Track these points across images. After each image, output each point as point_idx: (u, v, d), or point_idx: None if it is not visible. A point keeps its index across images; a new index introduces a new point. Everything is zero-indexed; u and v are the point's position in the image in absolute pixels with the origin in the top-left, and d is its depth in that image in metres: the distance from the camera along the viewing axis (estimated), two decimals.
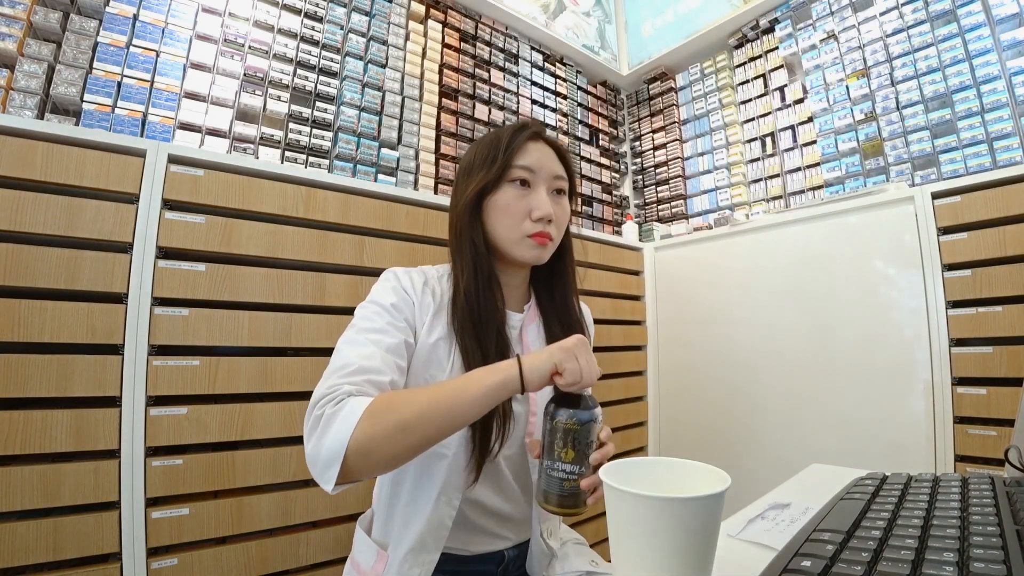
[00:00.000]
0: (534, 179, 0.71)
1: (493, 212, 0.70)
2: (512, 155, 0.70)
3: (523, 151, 0.71)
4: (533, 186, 0.71)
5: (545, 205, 0.69)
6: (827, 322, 1.44)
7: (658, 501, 0.30)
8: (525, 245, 0.70)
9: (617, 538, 0.32)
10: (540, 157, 0.71)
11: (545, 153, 0.72)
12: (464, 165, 0.75)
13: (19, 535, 0.82)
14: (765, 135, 1.97)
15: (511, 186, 0.70)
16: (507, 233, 0.70)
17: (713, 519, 0.31)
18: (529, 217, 0.69)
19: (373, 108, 1.61)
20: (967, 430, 1.16)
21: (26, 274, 0.86)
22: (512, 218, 0.69)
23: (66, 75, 1.15)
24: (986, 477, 0.49)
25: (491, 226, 0.71)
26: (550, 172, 0.71)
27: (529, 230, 0.69)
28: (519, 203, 0.69)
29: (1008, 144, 1.38)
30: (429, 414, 0.52)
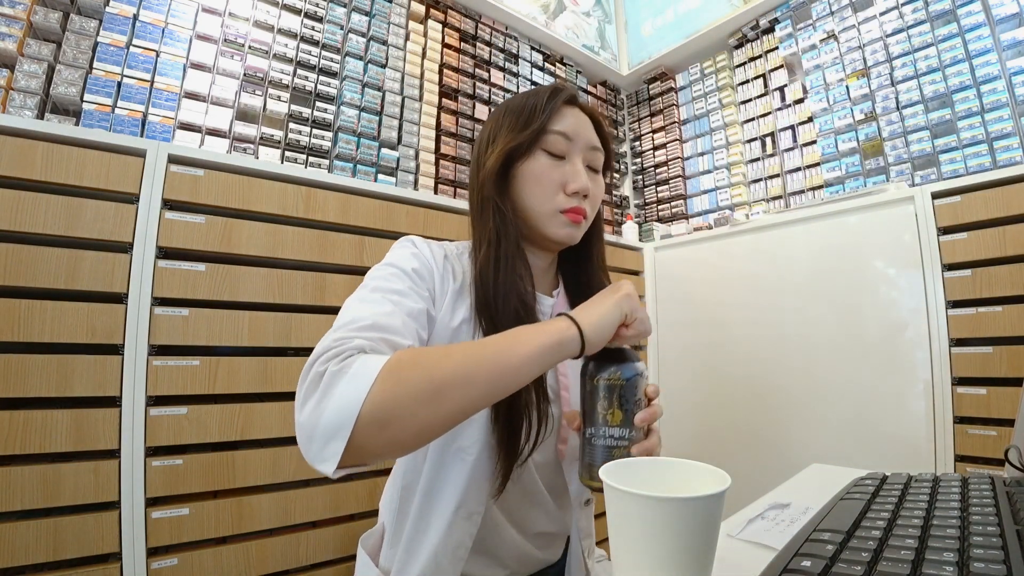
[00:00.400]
0: (570, 148, 0.63)
1: (523, 181, 0.62)
2: (550, 118, 0.62)
3: (561, 116, 0.63)
4: (569, 156, 0.63)
5: (582, 177, 0.61)
6: (827, 322, 1.44)
7: (658, 501, 0.30)
8: (557, 221, 0.62)
9: (617, 538, 0.32)
10: (577, 124, 0.63)
11: (581, 120, 0.64)
12: (489, 128, 0.66)
13: (19, 535, 0.82)
14: (765, 135, 1.97)
15: (544, 155, 0.62)
16: (538, 205, 0.62)
17: (713, 519, 0.31)
18: (563, 190, 0.61)
19: (373, 108, 1.61)
20: (967, 430, 1.16)
21: (26, 274, 0.86)
22: (545, 189, 0.61)
23: (66, 75, 1.15)
24: (986, 477, 0.49)
25: (520, 196, 0.62)
26: (587, 142, 0.64)
27: (563, 204, 0.61)
28: (553, 173, 0.62)
29: (1008, 144, 1.38)
30: (469, 375, 0.42)
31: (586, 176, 0.62)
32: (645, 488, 0.30)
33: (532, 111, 0.62)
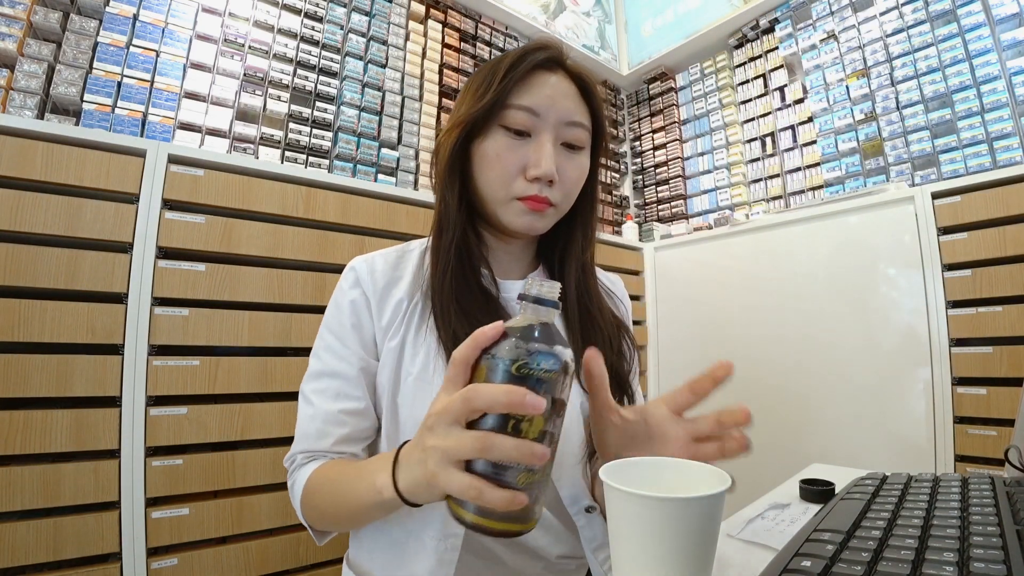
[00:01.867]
0: (537, 125, 0.52)
1: (479, 161, 0.54)
2: (509, 89, 0.52)
3: (526, 85, 0.52)
4: (535, 134, 0.53)
5: (546, 160, 0.51)
6: (827, 322, 1.44)
7: (659, 501, 0.30)
8: (513, 209, 0.53)
9: (617, 538, 0.32)
10: (551, 95, 0.52)
11: (559, 89, 0.53)
12: (460, 97, 0.58)
13: (19, 535, 0.82)
14: (765, 135, 1.97)
15: (503, 132, 0.52)
16: (493, 191, 0.54)
17: (713, 519, 0.31)
18: (523, 175, 0.52)
19: (373, 108, 1.61)
20: (967, 430, 1.16)
21: (26, 274, 0.86)
22: (500, 173, 0.52)
23: (66, 75, 1.15)
24: (986, 477, 0.49)
25: (476, 179, 0.55)
26: (561, 117, 0.53)
27: (520, 191, 0.52)
28: (512, 154, 0.52)
29: (1008, 144, 1.38)
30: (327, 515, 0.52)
31: (552, 157, 0.52)
32: (646, 488, 0.30)
33: (491, 78, 0.52)
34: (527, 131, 0.53)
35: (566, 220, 0.60)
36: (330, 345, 0.57)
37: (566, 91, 0.54)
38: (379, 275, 0.57)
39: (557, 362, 0.34)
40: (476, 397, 0.33)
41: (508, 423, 0.33)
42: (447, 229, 0.55)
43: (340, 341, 0.56)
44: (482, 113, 0.52)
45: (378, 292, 0.56)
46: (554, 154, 0.53)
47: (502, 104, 0.52)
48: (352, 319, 0.56)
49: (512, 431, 0.33)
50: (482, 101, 0.52)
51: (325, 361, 0.56)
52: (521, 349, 0.34)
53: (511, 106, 0.52)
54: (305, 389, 0.57)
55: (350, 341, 0.56)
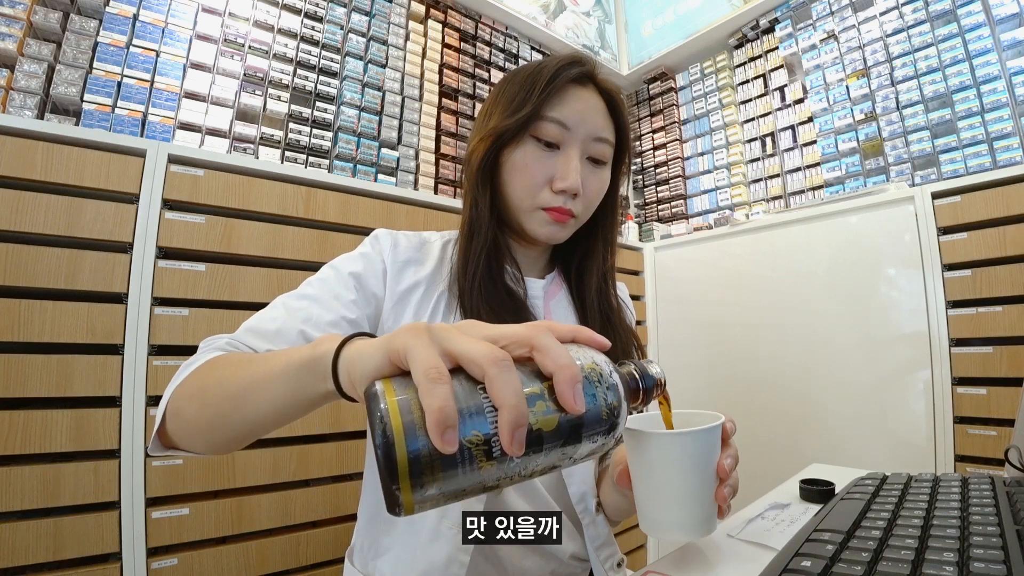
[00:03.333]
0: (566, 138, 0.55)
1: (509, 169, 0.56)
2: (545, 101, 0.54)
3: (561, 98, 0.54)
4: (563, 147, 0.55)
5: (572, 174, 0.54)
6: (827, 322, 1.44)
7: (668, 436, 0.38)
8: (537, 219, 0.56)
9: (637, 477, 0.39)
10: (582, 110, 0.55)
11: (590, 105, 0.56)
12: (490, 102, 0.60)
13: (19, 535, 0.82)
14: (765, 135, 1.97)
15: (534, 142, 0.55)
16: (519, 199, 0.56)
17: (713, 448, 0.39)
18: (550, 186, 0.55)
19: (373, 108, 1.61)
20: (967, 430, 1.16)
21: (26, 274, 0.86)
22: (528, 182, 0.55)
23: (66, 75, 1.15)
24: (986, 477, 0.49)
25: (504, 185, 0.57)
26: (590, 132, 0.55)
27: (546, 202, 0.55)
28: (540, 165, 0.55)
29: (1008, 144, 1.38)
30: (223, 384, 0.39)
31: (579, 171, 0.54)
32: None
33: (529, 90, 0.55)
34: (556, 143, 0.55)
35: (585, 229, 0.63)
36: (328, 285, 0.54)
37: (596, 106, 0.56)
38: (402, 250, 0.58)
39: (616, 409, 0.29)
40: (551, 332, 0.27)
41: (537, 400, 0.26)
42: (479, 233, 0.56)
43: (342, 286, 0.54)
44: (518, 123, 0.54)
45: (398, 263, 0.57)
46: (580, 168, 0.55)
47: (537, 115, 0.54)
48: (365, 277, 0.55)
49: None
50: (520, 112, 0.54)
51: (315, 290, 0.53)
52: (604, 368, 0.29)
53: (544, 118, 0.54)
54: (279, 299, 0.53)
55: (351, 292, 0.54)
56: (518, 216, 0.57)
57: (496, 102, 0.58)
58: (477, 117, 0.62)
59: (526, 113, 0.53)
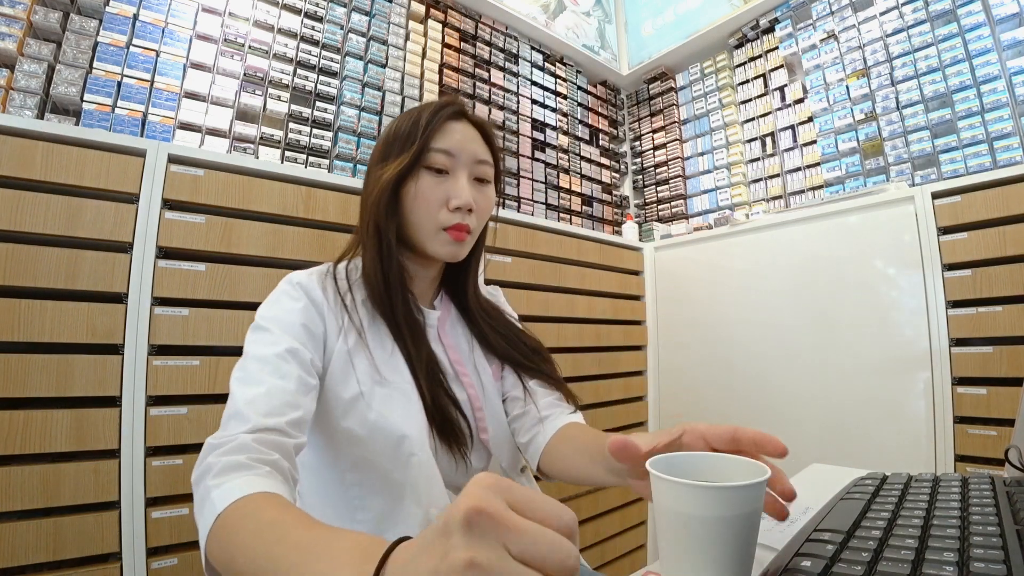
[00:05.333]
0: (453, 164, 0.63)
1: (409, 200, 0.63)
2: (430, 137, 0.63)
3: (442, 132, 0.63)
4: (452, 172, 0.63)
5: (464, 193, 0.62)
6: (827, 322, 1.44)
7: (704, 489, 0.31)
8: (440, 240, 0.63)
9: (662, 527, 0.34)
10: (461, 139, 0.64)
11: (467, 135, 0.65)
12: (379, 148, 0.67)
13: (19, 535, 0.82)
14: (765, 135, 1.97)
15: (428, 173, 0.63)
16: (421, 224, 0.63)
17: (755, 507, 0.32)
18: (446, 206, 0.62)
19: (373, 108, 1.61)
20: (967, 430, 1.16)
21: (26, 274, 0.86)
22: (428, 207, 0.62)
23: (66, 75, 1.15)
24: (986, 477, 0.49)
25: (406, 217, 0.64)
26: (472, 156, 0.64)
27: (445, 221, 0.62)
28: (436, 191, 0.62)
29: (1008, 144, 1.38)
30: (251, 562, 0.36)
31: (469, 190, 0.63)
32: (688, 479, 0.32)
33: (414, 131, 0.63)
34: (446, 170, 0.63)
35: None
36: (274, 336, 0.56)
37: (473, 135, 0.65)
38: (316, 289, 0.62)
39: None
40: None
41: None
42: (387, 259, 0.63)
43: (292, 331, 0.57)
44: (412, 159, 0.61)
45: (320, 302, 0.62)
46: (469, 187, 0.63)
47: (427, 148, 0.62)
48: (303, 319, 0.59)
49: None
50: (412, 148, 0.62)
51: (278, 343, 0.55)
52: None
53: (432, 150, 0.62)
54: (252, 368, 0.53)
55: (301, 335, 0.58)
56: (422, 241, 0.64)
57: (386, 149, 0.65)
58: (371, 161, 0.68)
59: (418, 148, 0.61)
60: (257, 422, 0.48)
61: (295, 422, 0.51)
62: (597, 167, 2.32)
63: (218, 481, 0.42)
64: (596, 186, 2.29)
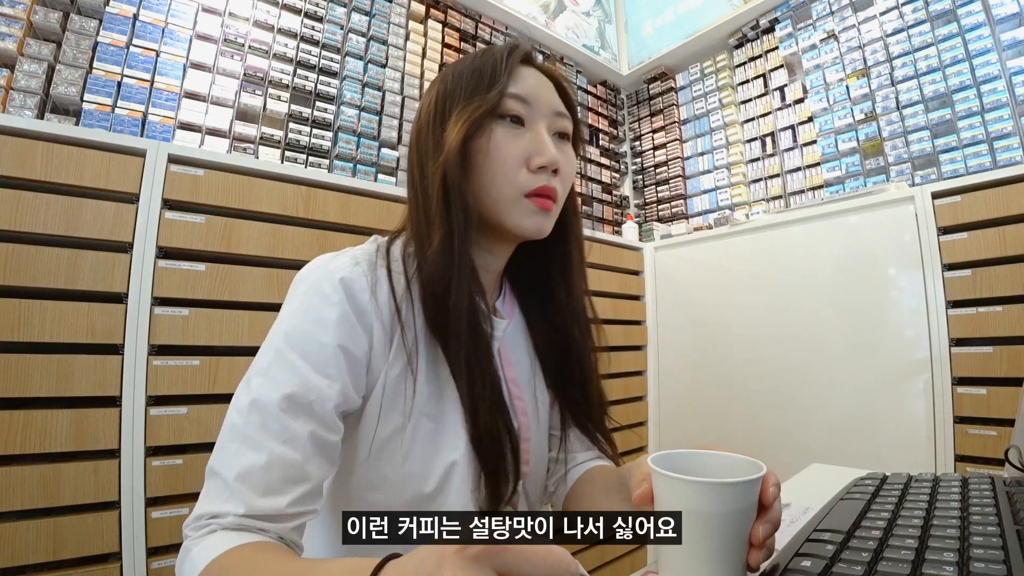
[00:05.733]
0: (530, 115, 0.50)
1: (480, 161, 0.49)
2: (508, 81, 0.50)
3: (516, 77, 0.51)
4: (529, 124, 0.51)
5: (548, 148, 0.49)
6: (827, 322, 1.44)
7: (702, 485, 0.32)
8: (522, 208, 0.49)
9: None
10: (536, 86, 0.51)
11: (542, 81, 0.53)
12: (433, 99, 0.52)
13: (19, 535, 0.81)
14: (765, 135, 1.97)
15: (501, 124, 0.49)
16: (499, 190, 0.49)
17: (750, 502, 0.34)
18: (527, 166, 0.49)
19: (373, 108, 1.61)
20: (967, 430, 1.16)
21: (26, 274, 0.86)
22: (503, 167, 0.49)
23: (66, 75, 1.15)
24: (986, 477, 0.49)
25: (475, 180, 0.50)
26: (551, 106, 0.52)
27: (527, 184, 0.49)
28: (513, 145, 0.49)
29: (1008, 144, 1.38)
30: None
31: (552, 145, 0.50)
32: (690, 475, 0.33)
33: (484, 75, 0.50)
34: (522, 119, 0.50)
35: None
36: (290, 370, 0.43)
37: (547, 83, 0.53)
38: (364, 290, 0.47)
39: None
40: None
41: None
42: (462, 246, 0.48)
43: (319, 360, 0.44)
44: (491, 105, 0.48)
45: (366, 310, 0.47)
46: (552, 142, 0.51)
47: (504, 94, 0.49)
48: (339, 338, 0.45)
49: None
50: (487, 94, 0.49)
51: (291, 385, 0.42)
52: None
53: (506, 95, 0.50)
54: (253, 421, 0.42)
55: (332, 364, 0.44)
56: (498, 211, 0.50)
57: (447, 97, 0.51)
58: (418, 122, 0.54)
59: (497, 93, 0.49)
60: (251, 505, 0.39)
61: (301, 499, 0.41)
62: (597, 167, 2.32)
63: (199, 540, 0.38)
64: (596, 186, 2.29)
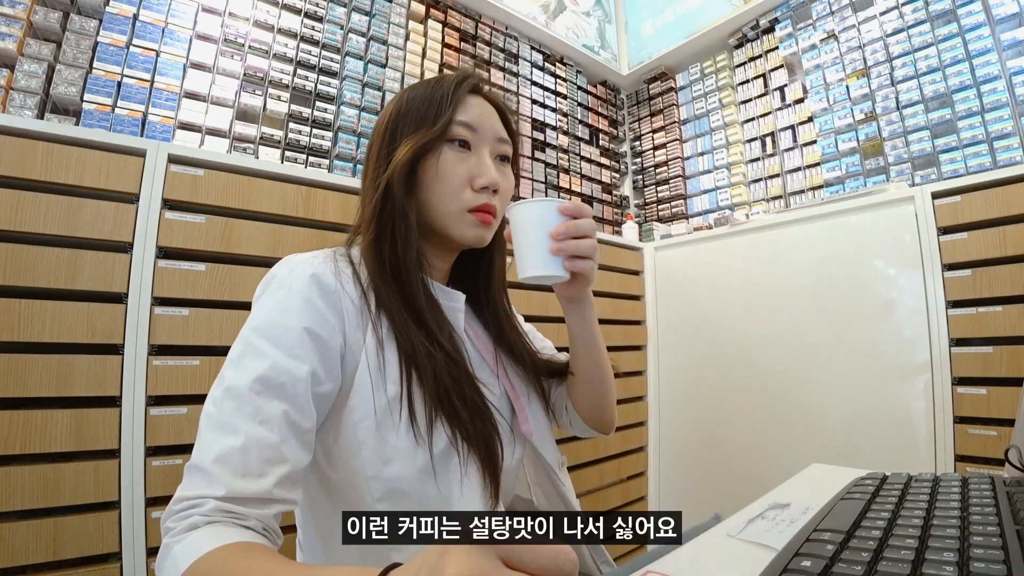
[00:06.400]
0: (476, 140, 0.58)
1: (428, 178, 0.56)
2: (455, 110, 0.57)
3: (464, 105, 0.58)
4: (475, 148, 0.58)
5: (490, 171, 0.56)
6: (827, 322, 1.44)
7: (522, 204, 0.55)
8: (465, 222, 0.56)
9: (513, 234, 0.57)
10: (482, 114, 0.59)
11: (487, 110, 0.60)
12: (386, 121, 0.59)
13: (19, 535, 0.82)
14: (765, 135, 1.97)
15: (450, 148, 0.56)
16: (444, 205, 0.56)
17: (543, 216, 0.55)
18: (471, 186, 0.56)
19: (373, 108, 1.61)
20: (967, 430, 1.16)
21: (26, 274, 0.86)
22: (450, 185, 0.56)
23: (66, 75, 1.15)
24: (986, 477, 0.49)
25: (424, 196, 0.57)
26: (493, 132, 0.59)
27: (471, 202, 0.56)
28: (459, 166, 0.56)
29: (1008, 144, 1.38)
30: None
31: (495, 169, 0.58)
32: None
33: (434, 102, 0.57)
34: (468, 144, 0.58)
35: None
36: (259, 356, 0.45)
37: (492, 112, 0.60)
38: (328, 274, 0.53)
39: None
40: None
41: None
42: (405, 243, 0.55)
43: (287, 343, 0.46)
44: (440, 131, 0.56)
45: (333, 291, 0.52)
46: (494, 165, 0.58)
47: (452, 121, 0.56)
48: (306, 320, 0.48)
49: None
50: (439, 121, 0.56)
51: (260, 369, 0.44)
52: None
53: (455, 122, 0.57)
54: (226, 407, 0.43)
55: (300, 347, 0.47)
56: (444, 224, 0.57)
57: (399, 120, 0.58)
58: (375, 137, 0.60)
59: (445, 120, 0.56)
60: (231, 487, 0.39)
61: (281, 481, 0.42)
62: (597, 167, 2.32)
63: (180, 537, 0.37)
64: (596, 186, 2.29)
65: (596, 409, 0.70)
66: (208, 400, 0.45)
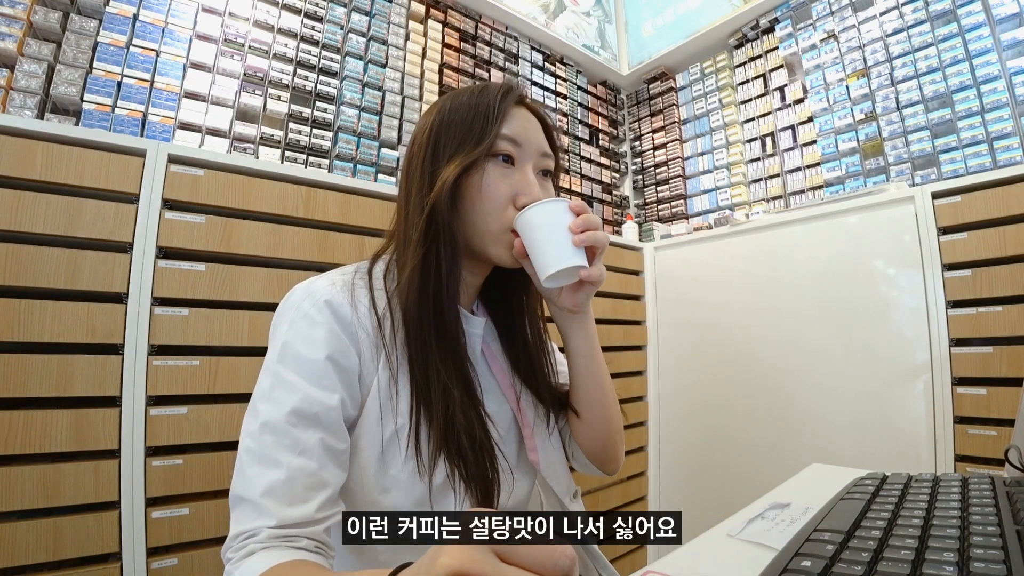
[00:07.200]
0: (519, 155, 0.55)
1: (470, 196, 0.53)
2: (501, 123, 0.54)
3: (508, 118, 0.55)
4: (518, 164, 0.55)
5: (534, 188, 0.54)
6: (827, 322, 1.44)
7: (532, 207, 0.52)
8: (505, 242, 0.54)
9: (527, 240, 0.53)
10: (527, 127, 0.56)
11: (531, 123, 0.57)
12: (429, 132, 0.56)
13: (19, 535, 0.82)
14: (765, 135, 1.97)
15: (494, 163, 0.54)
16: (486, 224, 0.53)
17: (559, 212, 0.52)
18: (513, 203, 0.54)
19: (373, 108, 1.61)
20: (967, 430, 1.16)
21: (26, 274, 0.86)
22: (495, 204, 0.53)
23: (66, 75, 1.15)
24: (986, 477, 0.49)
25: (465, 212, 0.54)
26: (537, 147, 0.57)
27: (513, 221, 0.53)
28: (503, 183, 0.54)
29: (1008, 144, 1.38)
30: None
31: (539, 186, 0.55)
32: None
33: (480, 115, 0.54)
34: (512, 160, 0.55)
35: None
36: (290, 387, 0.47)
37: (535, 125, 0.58)
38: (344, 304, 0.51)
39: None
40: None
41: None
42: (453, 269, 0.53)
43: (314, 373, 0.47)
44: (487, 147, 0.53)
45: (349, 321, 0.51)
46: (537, 182, 0.56)
47: (498, 135, 0.54)
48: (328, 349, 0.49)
49: None
50: (484, 135, 0.53)
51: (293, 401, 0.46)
52: None
53: (500, 136, 0.54)
54: (266, 441, 0.45)
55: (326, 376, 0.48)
56: (483, 243, 0.55)
57: (443, 133, 0.55)
58: (414, 148, 0.58)
59: (492, 136, 0.53)
60: (281, 516, 0.42)
61: (324, 504, 0.45)
62: (597, 167, 2.32)
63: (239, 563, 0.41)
64: (596, 186, 2.29)
65: (597, 441, 0.65)
66: (244, 435, 0.47)
